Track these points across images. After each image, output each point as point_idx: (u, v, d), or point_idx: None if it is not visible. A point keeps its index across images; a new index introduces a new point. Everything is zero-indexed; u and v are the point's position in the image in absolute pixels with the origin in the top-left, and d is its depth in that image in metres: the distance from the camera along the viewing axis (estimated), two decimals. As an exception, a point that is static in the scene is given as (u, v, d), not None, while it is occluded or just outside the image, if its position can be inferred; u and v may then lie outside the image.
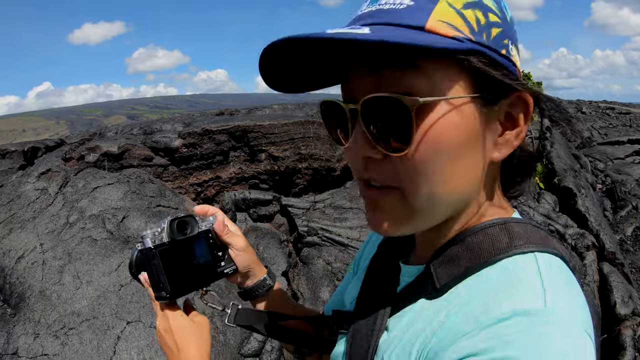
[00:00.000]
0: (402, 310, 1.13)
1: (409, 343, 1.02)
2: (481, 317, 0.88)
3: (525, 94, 0.97)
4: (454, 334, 0.91)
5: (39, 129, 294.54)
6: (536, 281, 0.92)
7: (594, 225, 8.53)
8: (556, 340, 0.80)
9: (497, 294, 0.92)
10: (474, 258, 1.03)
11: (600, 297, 7.03)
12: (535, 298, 0.88)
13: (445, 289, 1.04)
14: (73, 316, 5.58)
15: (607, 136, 21.91)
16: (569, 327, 0.84)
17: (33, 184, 7.50)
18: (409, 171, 0.94)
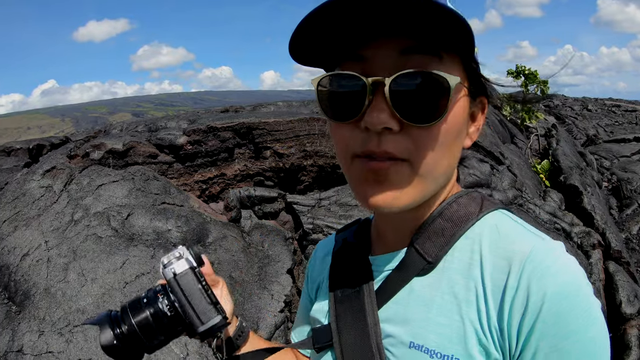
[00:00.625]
0: (394, 298, 1.24)
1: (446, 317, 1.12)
2: (512, 264, 1.08)
3: (482, 94, 1.21)
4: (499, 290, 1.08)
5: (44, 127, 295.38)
6: (520, 227, 1.18)
7: (600, 224, 8.50)
8: (566, 253, 1.09)
9: (507, 243, 1.13)
10: (455, 225, 1.21)
11: (605, 296, 7.00)
12: (532, 238, 1.12)
13: (437, 260, 1.19)
14: (78, 313, 5.58)
15: (613, 134, 21.89)
16: (561, 245, 1.11)
17: (38, 181, 7.51)
18: (427, 143, 1.06)
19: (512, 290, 1.04)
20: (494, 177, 8.63)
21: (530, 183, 9.80)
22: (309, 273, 1.65)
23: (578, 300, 1.02)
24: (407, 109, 1.02)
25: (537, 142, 13.28)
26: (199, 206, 7.56)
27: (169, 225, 6.78)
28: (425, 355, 1.11)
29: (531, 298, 1.02)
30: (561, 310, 1.00)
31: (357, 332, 1.25)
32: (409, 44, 1.02)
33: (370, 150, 1.06)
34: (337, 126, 1.13)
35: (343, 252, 1.46)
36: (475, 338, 1.07)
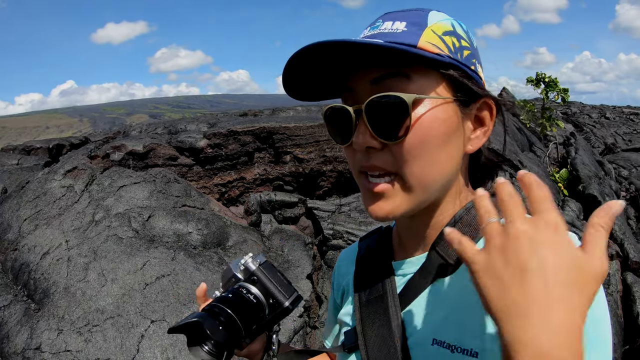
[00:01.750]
0: (417, 299, 1.30)
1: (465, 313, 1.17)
2: None
3: (489, 99, 1.26)
4: None
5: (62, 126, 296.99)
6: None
7: (618, 234, 8.40)
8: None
9: None
10: (474, 230, 1.27)
11: (623, 308, 6.92)
12: None
13: (458, 262, 1.24)
14: (97, 313, 5.61)
15: (631, 142, 21.70)
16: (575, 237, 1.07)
17: (59, 181, 7.55)
18: (404, 156, 1.16)
19: None
20: (513, 186, 8.61)
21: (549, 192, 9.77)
22: (335, 279, 1.72)
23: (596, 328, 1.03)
24: (382, 129, 1.16)
25: (556, 150, 13.18)
26: (219, 209, 7.57)
27: (190, 228, 6.80)
28: (447, 350, 1.17)
29: None
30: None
31: (382, 333, 1.30)
32: (378, 73, 1.18)
33: (363, 166, 1.23)
34: (344, 148, 1.30)
35: (367, 258, 1.53)
36: (491, 333, 1.12)
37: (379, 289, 1.39)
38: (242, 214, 7.89)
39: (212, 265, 6.27)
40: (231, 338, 1.33)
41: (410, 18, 1.23)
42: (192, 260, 6.25)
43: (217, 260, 6.40)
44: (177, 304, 5.68)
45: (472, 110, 1.25)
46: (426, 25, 1.21)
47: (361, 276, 1.49)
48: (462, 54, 1.22)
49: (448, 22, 1.25)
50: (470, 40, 1.27)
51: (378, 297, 1.37)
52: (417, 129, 1.15)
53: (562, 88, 13.47)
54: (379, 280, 1.40)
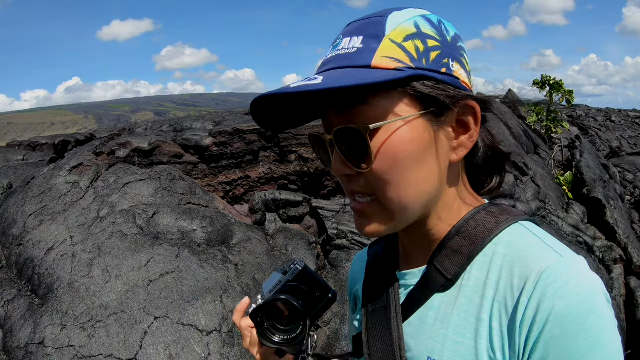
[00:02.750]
0: (416, 313, 1.29)
1: (460, 335, 1.16)
2: (527, 282, 1.08)
3: (471, 101, 1.19)
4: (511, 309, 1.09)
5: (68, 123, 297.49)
6: (538, 242, 1.17)
7: (622, 238, 8.40)
8: (585, 271, 1.07)
9: (522, 261, 1.13)
10: (473, 243, 1.23)
11: (626, 312, 6.91)
12: (551, 255, 1.11)
13: (456, 277, 1.23)
14: (101, 309, 5.63)
15: (636, 146, 21.71)
16: (581, 262, 1.09)
17: (65, 177, 7.58)
18: (377, 182, 1.15)
19: (522, 308, 1.06)
20: (518, 188, 8.60)
21: (554, 195, 9.73)
22: (349, 284, 1.73)
23: (587, 324, 1.00)
24: (351, 158, 1.15)
25: (561, 153, 13.19)
26: (224, 207, 7.59)
27: (194, 226, 6.82)
28: None
29: (537, 317, 1.03)
30: (566, 332, 1.00)
31: (384, 344, 1.31)
32: (341, 102, 1.15)
33: (346, 190, 1.24)
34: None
35: (374, 267, 1.52)
36: (485, 356, 1.10)
37: (384, 299, 1.38)
38: (246, 212, 7.90)
39: (216, 263, 6.29)
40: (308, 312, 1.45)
41: (367, 30, 1.17)
42: (196, 258, 6.27)
43: (221, 258, 6.42)
44: (181, 301, 5.70)
45: (448, 118, 1.19)
46: (383, 35, 1.14)
47: (369, 285, 1.49)
48: (429, 57, 1.14)
49: (411, 22, 1.17)
50: (442, 35, 1.19)
51: (383, 307, 1.37)
52: (381, 156, 1.13)
53: (567, 90, 13.49)
54: (384, 290, 1.40)
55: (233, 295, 5.86)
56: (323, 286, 1.59)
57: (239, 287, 5.98)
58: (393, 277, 1.40)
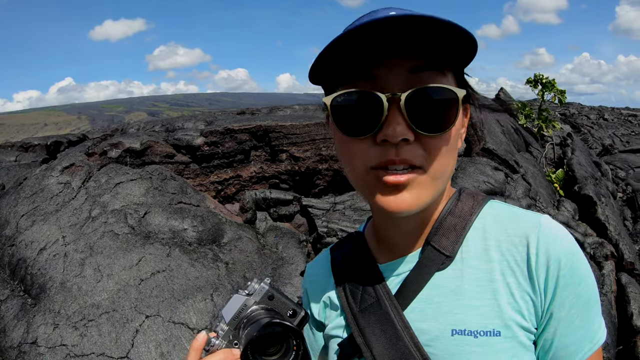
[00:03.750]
0: (419, 296, 1.33)
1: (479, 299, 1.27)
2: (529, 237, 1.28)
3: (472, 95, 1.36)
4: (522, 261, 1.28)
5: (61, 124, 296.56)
6: (516, 209, 1.39)
7: (614, 235, 8.42)
8: (555, 220, 1.32)
9: (514, 223, 1.33)
10: (463, 220, 1.37)
11: (617, 308, 6.94)
12: (533, 215, 1.33)
13: (454, 253, 1.33)
14: (93, 308, 5.65)
15: (629, 144, 21.73)
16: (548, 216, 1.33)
17: (57, 177, 7.60)
18: (437, 150, 1.18)
19: (534, 257, 1.25)
20: (508, 186, 8.63)
21: (545, 192, 9.77)
22: (309, 295, 1.65)
23: (580, 255, 1.28)
24: (421, 121, 1.14)
25: (552, 151, 13.22)
26: (214, 207, 7.62)
27: (185, 225, 6.85)
28: (470, 337, 1.23)
29: (551, 259, 1.23)
30: (573, 265, 1.25)
31: (388, 339, 1.30)
32: (418, 62, 1.15)
33: (390, 159, 1.16)
34: (351, 141, 1.22)
35: (347, 267, 1.52)
36: (509, 308, 1.23)
37: (371, 296, 1.38)
38: (237, 211, 7.93)
39: (206, 262, 6.32)
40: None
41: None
42: (187, 257, 6.30)
43: (211, 257, 6.45)
44: (172, 300, 5.73)
45: (464, 110, 1.32)
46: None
47: (346, 286, 1.47)
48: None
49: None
50: None
51: (374, 304, 1.37)
52: (456, 123, 1.20)
53: (559, 89, 13.51)
54: (368, 287, 1.40)
55: (224, 293, 5.89)
56: (294, 304, 1.40)
57: (230, 286, 6.02)
58: (376, 271, 1.43)
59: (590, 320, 1.25)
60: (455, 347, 1.23)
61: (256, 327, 1.19)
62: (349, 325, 1.42)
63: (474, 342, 1.22)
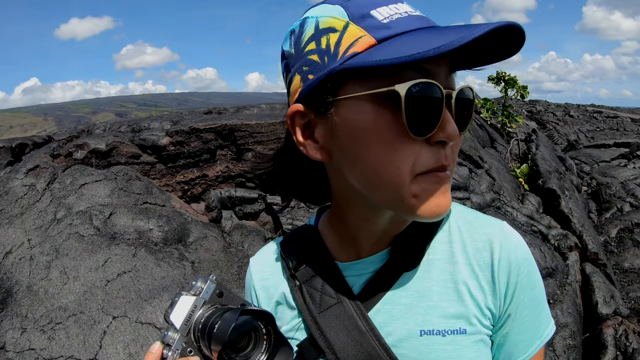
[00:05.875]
0: (385, 297, 1.30)
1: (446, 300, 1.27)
2: (493, 243, 1.30)
3: None
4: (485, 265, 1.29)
5: (27, 125, 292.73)
6: (478, 213, 1.41)
7: (577, 227, 8.58)
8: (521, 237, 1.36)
9: (479, 228, 1.34)
10: (431, 223, 1.32)
11: (582, 297, 7.08)
12: (496, 222, 1.36)
13: (422, 254, 1.31)
14: (60, 311, 5.64)
15: (593, 139, 22.04)
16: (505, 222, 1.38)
17: (21, 180, 7.55)
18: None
19: (497, 262, 1.27)
20: (472, 181, 8.74)
21: (509, 187, 9.91)
22: (257, 292, 1.52)
23: (533, 262, 1.34)
24: (460, 121, 1.11)
25: (517, 146, 13.40)
26: (180, 206, 7.63)
27: (151, 225, 6.86)
28: (438, 336, 1.24)
29: (512, 265, 1.28)
30: (530, 270, 1.31)
31: (353, 341, 1.26)
32: (458, 66, 1.14)
33: (443, 165, 1.09)
34: (403, 143, 1.06)
35: (303, 265, 1.41)
36: (473, 308, 1.26)
37: (332, 296, 1.32)
38: (203, 210, 7.95)
39: (172, 261, 6.34)
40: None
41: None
42: (153, 257, 6.31)
43: (177, 256, 6.47)
44: (139, 300, 5.74)
45: None
46: None
47: (302, 286, 1.38)
48: None
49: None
50: None
51: (335, 305, 1.30)
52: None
53: (521, 86, 13.72)
54: (329, 287, 1.34)
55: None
56: (243, 299, 1.28)
57: (196, 284, 6.04)
58: (336, 271, 1.36)
59: (540, 320, 1.33)
60: (425, 346, 1.24)
61: (226, 325, 1.08)
62: (308, 327, 1.33)
63: (443, 341, 1.23)
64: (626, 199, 12.23)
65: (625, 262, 9.20)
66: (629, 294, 8.16)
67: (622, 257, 9.38)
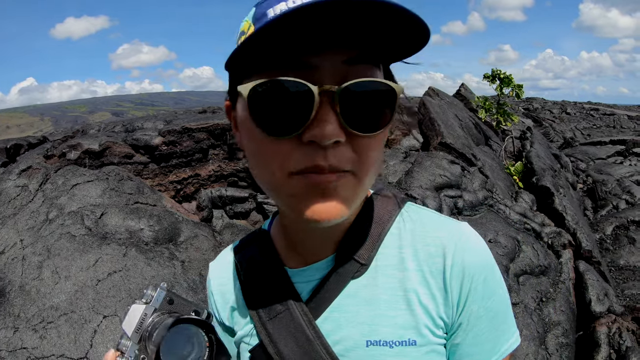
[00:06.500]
0: (333, 305, 1.23)
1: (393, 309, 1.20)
2: (446, 247, 1.22)
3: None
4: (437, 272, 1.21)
5: (23, 126, 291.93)
6: (435, 215, 1.33)
7: (571, 224, 8.56)
8: (476, 232, 1.29)
9: (432, 231, 1.26)
10: (379, 226, 1.27)
11: (575, 295, 7.06)
12: (453, 224, 1.28)
13: (369, 261, 1.23)
14: (51, 310, 5.66)
15: (590, 137, 22.07)
16: (470, 227, 1.29)
17: (14, 181, 7.57)
18: (368, 153, 1.02)
19: (450, 268, 1.19)
20: (465, 179, 8.74)
21: (502, 184, 9.91)
22: (215, 297, 1.51)
23: (493, 268, 1.25)
24: (356, 119, 0.98)
25: (512, 144, 13.42)
26: (171, 206, 7.65)
27: (142, 225, 6.89)
28: (385, 347, 1.16)
29: (465, 271, 1.19)
30: (486, 278, 1.21)
31: (301, 348, 1.22)
32: (353, 53, 0.98)
33: (318, 165, 0.98)
34: (270, 141, 1.00)
35: (253, 271, 1.38)
36: (424, 317, 1.18)
37: (280, 302, 1.28)
38: (194, 209, 7.96)
39: (162, 261, 6.37)
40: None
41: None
42: (143, 256, 6.34)
43: (167, 256, 6.50)
44: (129, 299, 5.76)
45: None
46: None
47: (253, 292, 1.36)
48: None
49: None
50: None
51: (283, 311, 1.27)
52: (391, 121, 1.04)
53: (516, 84, 13.73)
54: (277, 294, 1.29)
55: (179, 291, 5.92)
56: (195, 305, 1.27)
57: (185, 283, 6.06)
58: (284, 277, 1.31)
59: (499, 333, 1.23)
60: (371, 357, 1.17)
61: (162, 330, 1.08)
62: (258, 333, 1.30)
63: (390, 352, 1.16)
64: (622, 196, 12.25)
65: (620, 260, 9.20)
66: (624, 291, 8.16)
67: (617, 255, 9.38)
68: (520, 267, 6.86)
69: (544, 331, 6.15)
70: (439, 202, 7.75)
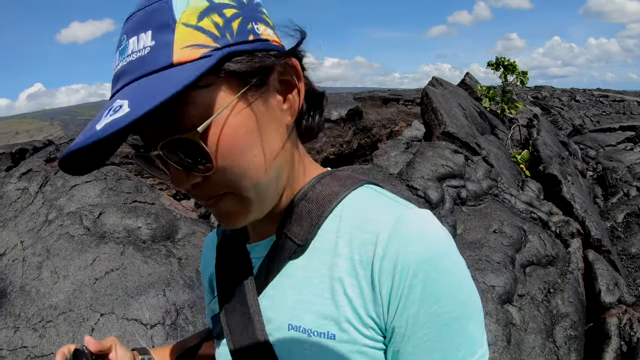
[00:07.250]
0: (271, 284, 1.24)
1: (318, 296, 1.15)
2: (379, 235, 1.09)
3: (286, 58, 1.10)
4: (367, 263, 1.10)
5: (33, 131, 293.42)
6: (385, 199, 1.20)
7: (580, 212, 8.43)
8: (433, 220, 1.12)
9: (372, 216, 1.15)
10: (320, 206, 1.21)
11: (585, 285, 6.94)
12: (398, 209, 1.14)
13: (307, 242, 1.20)
14: (50, 309, 5.69)
15: (599, 123, 21.94)
16: (427, 212, 1.14)
17: (15, 184, 7.62)
18: (228, 178, 1.04)
19: (379, 259, 1.07)
20: (468, 168, 8.66)
21: (508, 173, 9.83)
22: (202, 268, 1.63)
23: (445, 265, 1.06)
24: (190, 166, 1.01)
25: (519, 132, 13.33)
26: (170, 203, 7.66)
27: (139, 223, 6.90)
28: (303, 334, 1.13)
29: (398, 265, 1.04)
30: (428, 276, 1.03)
31: (243, 320, 1.25)
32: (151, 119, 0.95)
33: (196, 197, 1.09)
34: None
35: (224, 245, 1.45)
36: (348, 311, 1.10)
37: (236, 274, 1.33)
38: (192, 207, 7.98)
39: (159, 258, 6.39)
40: None
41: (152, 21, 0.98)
42: (140, 254, 6.35)
43: (164, 253, 6.52)
44: (125, 297, 5.77)
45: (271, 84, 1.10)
46: (174, 22, 0.97)
47: (221, 263, 1.42)
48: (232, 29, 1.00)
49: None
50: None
51: (236, 283, 1.31)
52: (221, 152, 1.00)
53: (520, 71, 13.63)
54: (236, 267, 1.35)
55: (176, 288, 5.95)
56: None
57: (182, 280, 6.07)
58: (243, 251, 1.35)
59: (451, 346, 1.06)
60: (291, 342, 1.16)
61: None
62: (219, 303, 1.36)
63: (307, 341, 1.13)
64: (632, 183, 12.19)
65: (632, 248, 9.12)
66: (636, 280, 8.08)
67: (629, 243, 9.32)
68: (526, 258, 6.76)
69: (552, 323, 6.06)
70: (441, 193, 7.67)
